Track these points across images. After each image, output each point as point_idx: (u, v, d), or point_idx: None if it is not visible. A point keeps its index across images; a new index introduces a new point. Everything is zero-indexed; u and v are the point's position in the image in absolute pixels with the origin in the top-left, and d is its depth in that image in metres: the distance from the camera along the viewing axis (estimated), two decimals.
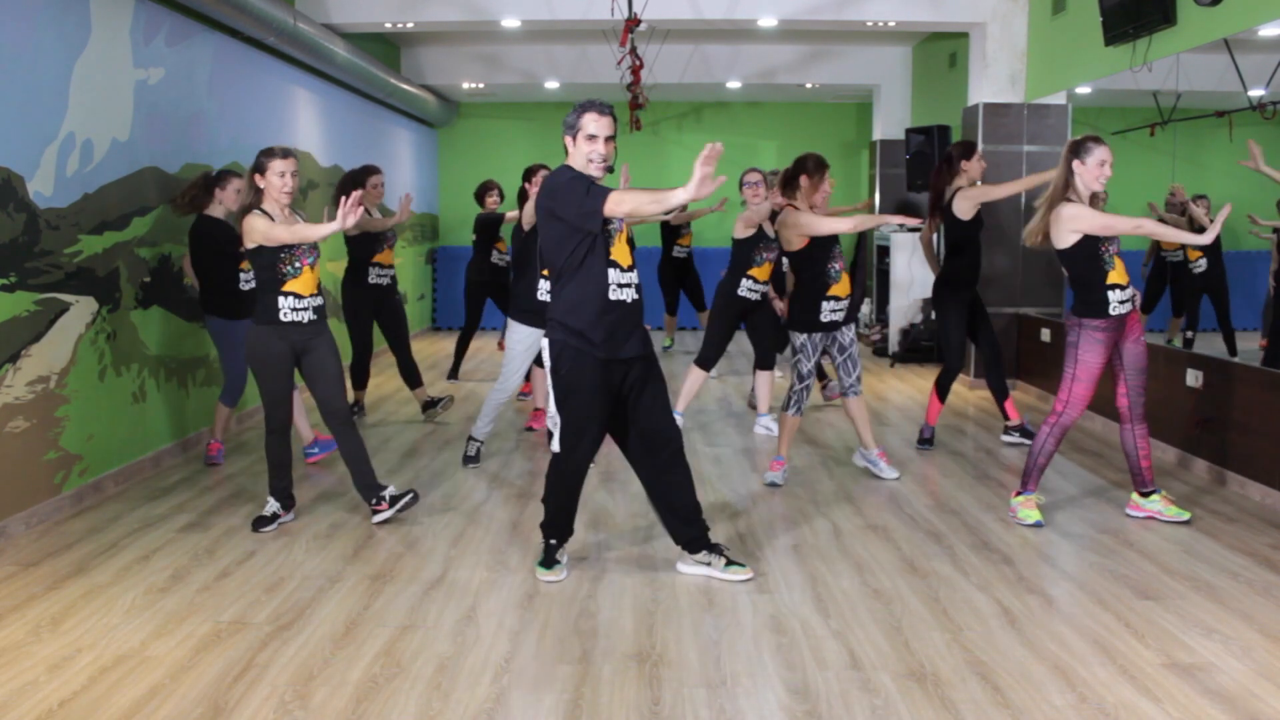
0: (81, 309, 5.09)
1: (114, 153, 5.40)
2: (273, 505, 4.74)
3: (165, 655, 3.35)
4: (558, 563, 4.09)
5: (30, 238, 4.70)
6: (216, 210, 5.64)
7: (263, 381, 4.61)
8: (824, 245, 5.26)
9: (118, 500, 5.16)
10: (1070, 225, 4.52)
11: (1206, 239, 4.46)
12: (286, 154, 4.51)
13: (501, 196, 8.42)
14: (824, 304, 5.25)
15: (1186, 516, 4.73)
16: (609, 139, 3.79)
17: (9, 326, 4.55)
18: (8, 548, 4.41)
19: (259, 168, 4.50)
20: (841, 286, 5.28)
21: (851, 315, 5.40)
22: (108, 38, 5.35)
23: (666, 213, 4.33)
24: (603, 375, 3.85)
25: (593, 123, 3.77)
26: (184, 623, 3.61)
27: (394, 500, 4.71)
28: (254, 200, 4.52)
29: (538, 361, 5.96)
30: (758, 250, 6.31)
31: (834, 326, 5.31)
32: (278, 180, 4.47)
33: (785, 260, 5.97)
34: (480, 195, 8.41)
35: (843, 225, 5.20)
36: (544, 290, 5.56)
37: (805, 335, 5.29)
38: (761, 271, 6.37)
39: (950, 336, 6.22)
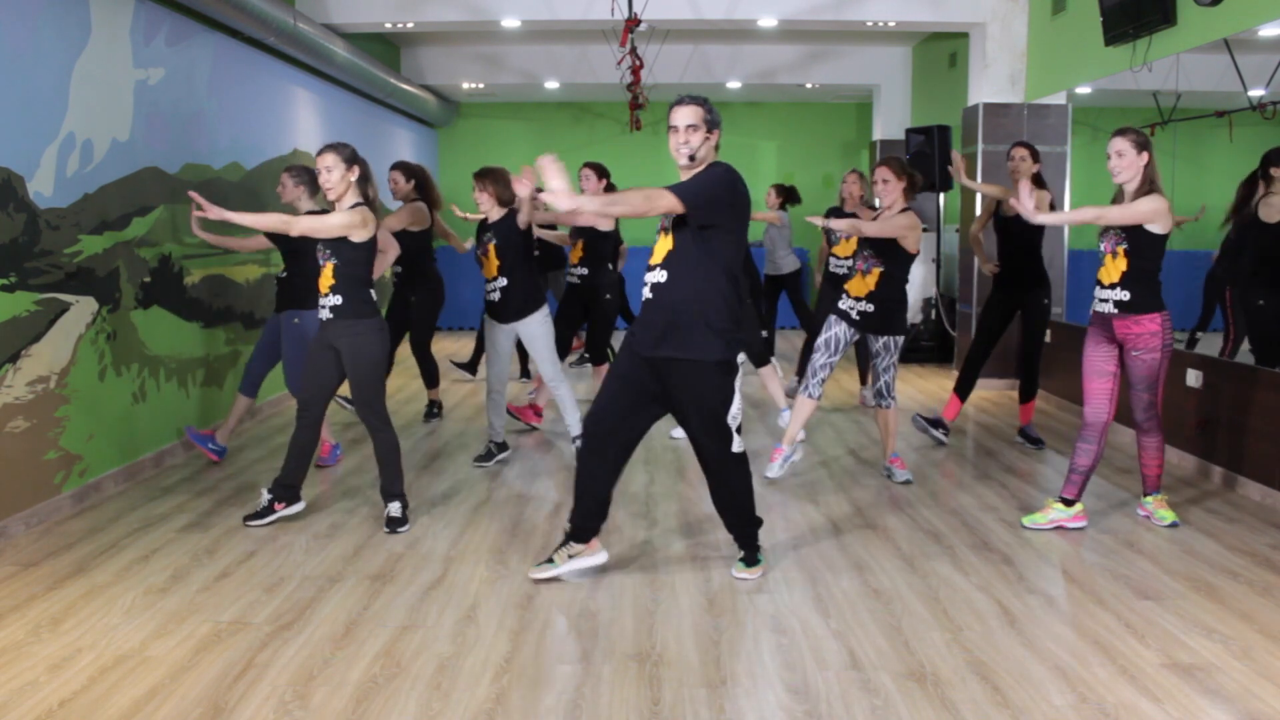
0: (81, 309, 5.09)
1: (114, 153, 5.40)
2: (265, 498, 4.75)
3: (165, 655, 3.35)
4: (551, 561, 4.06)
5: (30, 238, 4.70)
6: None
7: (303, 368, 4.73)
8: (856, 243, 5.50)
9: (118, 500, 5.16)
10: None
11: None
12: (320, 150, 4.53)
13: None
14: (844, 293, 5.47)
15: (1169, 520, 4.72)
16: (690, 127, 3.79)
17: (9, 326, 4.55)
18: (8, 548, 4.41)
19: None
20: (854, 286, 5.38)
21: (877, 327, 5.33)
22: (108, 38, 5.35)
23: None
24: (632, 364, 3.89)
25: (672, 114, 3.85)
26: (184, 623, 3.61)
27: (389, 521, 4.69)
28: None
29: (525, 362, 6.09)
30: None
31: (849, 319, 5.38)
32: (320, 178, 4.51)
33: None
34: None
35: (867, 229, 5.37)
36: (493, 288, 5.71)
37: (834, 315, 5.48)
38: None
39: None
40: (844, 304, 5.42)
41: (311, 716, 2.96)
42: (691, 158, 3.79)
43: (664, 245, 3.86)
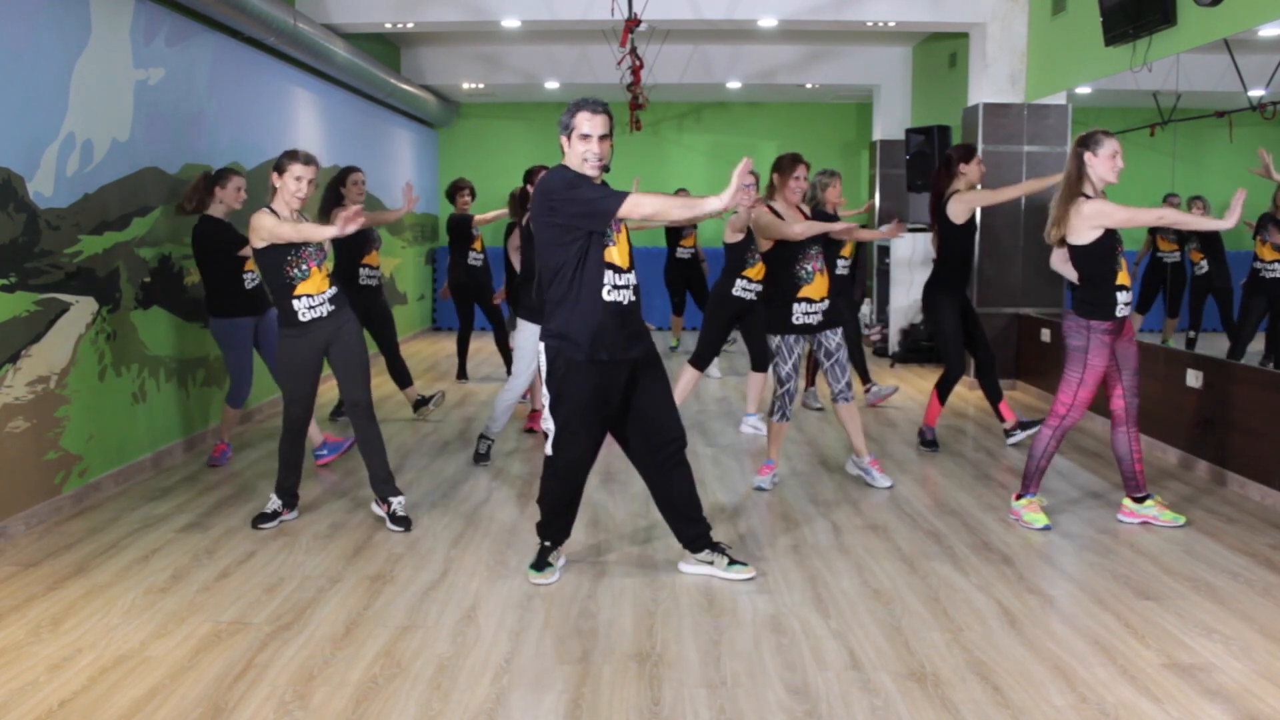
0: (81, 309, 5.09)
1: (114, 153, 5.40)
2: (274, 503, 4.75)
3: (165, 655, 3.35)
4: (549, 565, 4.08)
5: (30, 238, 4.70)
6: (217, 210, 5.62)
7: (287, 382, 4.65)
8: (792, 246, 5.16)
9: (118, 500, 5.16)
10: (1095, 221, 4.40)
11: (1228, 223, 4.32)
12: (309, 160, 4.53)
13: (473, 195, 8.40)
14: (795, 306, 5.16)
15: (1182, 520, 4.71)
16: (603, 138, 3.73)
17: (9, 326, 4.55)
18: (8, 548, 4.40)
19: (279, 167, 4.52)
20: (814, 289, 5.16)
21: (833, 320, 5.27)
22: (108, 38, 5.35)
23: (694, 220, 4.44)
24: (598, 379, 3.82)
25: (586, 122, 3.70)
26: (184, 623, 3.61)
27: (394, 518, 4.70)
28: (268, 199, 4.57)
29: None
30: (750, 252, 6.29)
31: (809, 330, 5.21)
32: (293, 184, 4.49)
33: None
34: (451, 195, 8.39)
35: (797, 230, 5.13)
36: None
37: (780, 337, 5.22)
38: (755, 271, 6.34)
39: (948, 341, 6.21)
40: (803, 318, 5.16)
41: (311, 716, 2.96)
42: (606, 168, 3.76)
43: (625, 247, 3.85)
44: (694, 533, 4.10)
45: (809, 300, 5.16)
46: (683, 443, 4.02)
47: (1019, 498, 4.78)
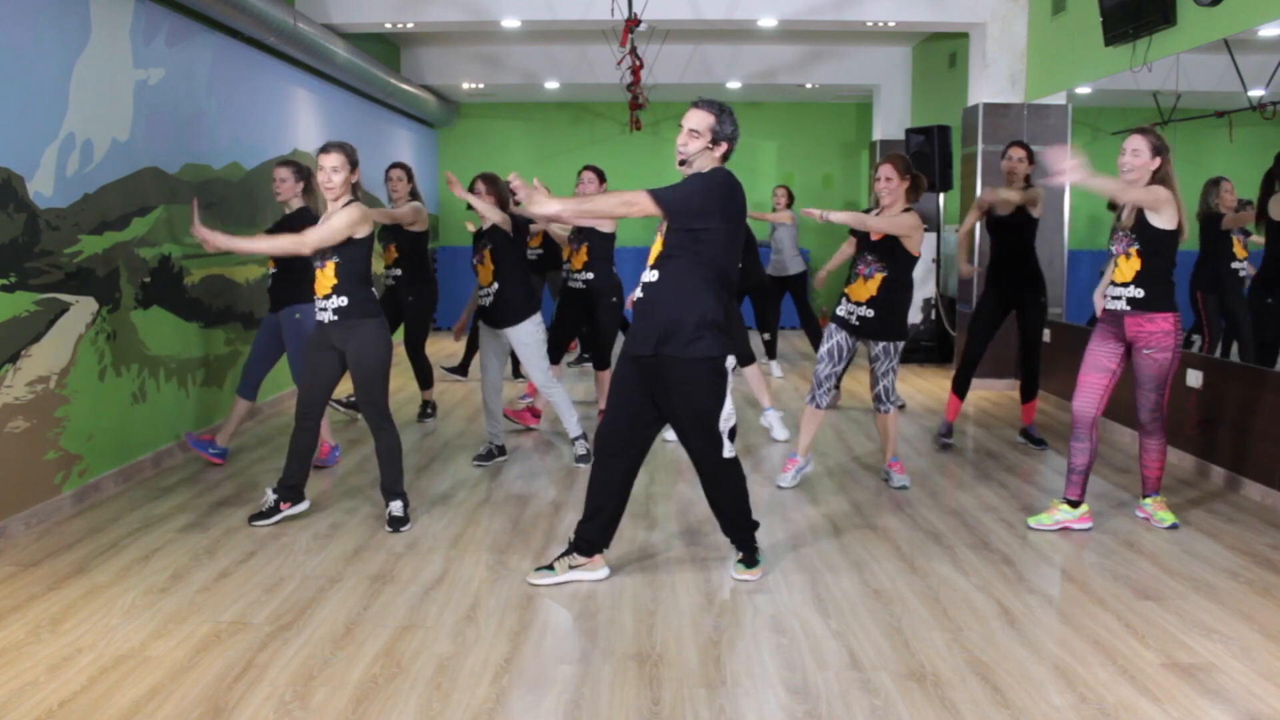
0: (81, 309, 5.09)
1: (114, 153, 5.40)
2: (269, 499, 4.75)
3: (165, 655, 3.35)
4: (551, 569, 4.04)
5: (30, 238, 4.70)
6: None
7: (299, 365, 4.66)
8: (857, 244, 5.33)
9: (118, 500, 5.16)
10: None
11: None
12: (323, 150, 4.49)
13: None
14: (842, 298, 5.33)
15: (1169, 522, 4.69)
16: (692, 131, 3.78)
17: (9, 326, 4.55)
18: (8, 548, 4.40)
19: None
20: (855, 290, 5.23)
21: (876, 332, 5.21)
22: (108, 38, 5.35)
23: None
24: (631, 369, 3.89)
25: (686, 114, 3.85)
26: (184, 623, 3.61)
27: (392, 520, 4.69)
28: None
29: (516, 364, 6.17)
30: None
31: (849, 325, 5.24)
32: (320, 175, 4.47)
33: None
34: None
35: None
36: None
37: (833, 323, 5.36)
38: None
39: (968, 326, 6.52)
40: (842, 309, 5.28)
41: (311, 716, 2.96)
42: (683, 162, 3.78)
43: (656, 246, 3.87)
44: (728, 536, 4.15)
45: (847, 298, 5.29)
46: (698, 459, 3.94)
47: (1071, 503, 4.72)
